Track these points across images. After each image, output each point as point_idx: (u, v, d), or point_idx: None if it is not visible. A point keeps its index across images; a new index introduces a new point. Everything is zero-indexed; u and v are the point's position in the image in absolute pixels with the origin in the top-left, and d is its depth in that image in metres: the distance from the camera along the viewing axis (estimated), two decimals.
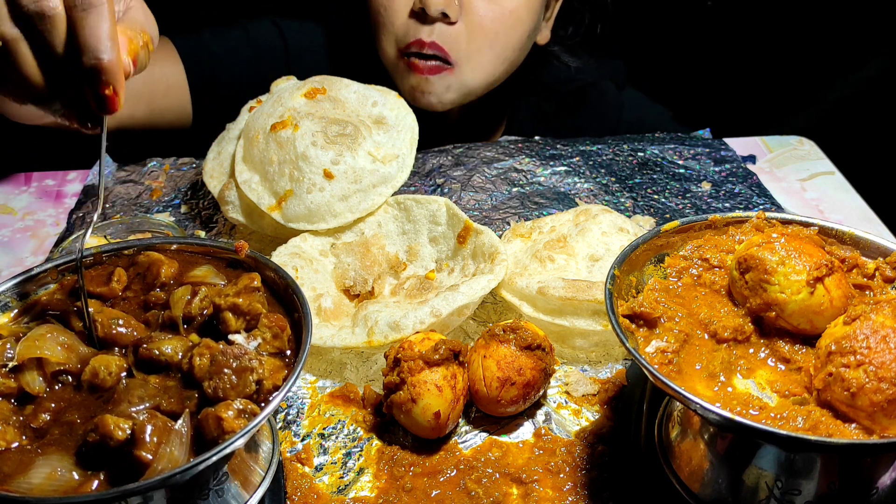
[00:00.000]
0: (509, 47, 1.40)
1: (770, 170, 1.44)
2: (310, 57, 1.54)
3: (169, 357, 0.70)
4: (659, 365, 0.74)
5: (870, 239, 0.84)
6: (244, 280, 0.77)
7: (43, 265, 0.80)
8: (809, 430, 0.67)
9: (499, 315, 1.06)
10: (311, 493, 0.84)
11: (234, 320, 0.73)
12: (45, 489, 0.61)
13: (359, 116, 1.13)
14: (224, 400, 0.66)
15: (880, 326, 0.68)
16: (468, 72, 1.38)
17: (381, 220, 1.11)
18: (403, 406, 0.85)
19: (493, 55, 1.38)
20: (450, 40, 1.33)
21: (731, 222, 0.88)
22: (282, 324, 0.73)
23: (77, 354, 0.71)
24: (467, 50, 1.35)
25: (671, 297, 0.81)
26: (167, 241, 0.84)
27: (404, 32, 1.35)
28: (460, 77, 1.38)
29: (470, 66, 1.37)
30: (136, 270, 0.81)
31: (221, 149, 1.19)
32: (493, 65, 1.40)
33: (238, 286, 0.76)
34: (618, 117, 1.65)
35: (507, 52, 1.40)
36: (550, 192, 1.33)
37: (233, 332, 0.73)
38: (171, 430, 0.63)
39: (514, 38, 1.39)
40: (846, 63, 2.14)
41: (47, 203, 1.33)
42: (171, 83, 1.45)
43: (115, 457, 0.62)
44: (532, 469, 0.86)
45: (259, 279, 0.77)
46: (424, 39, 1.32)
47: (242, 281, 0.76)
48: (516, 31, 1.38)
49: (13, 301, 0.78)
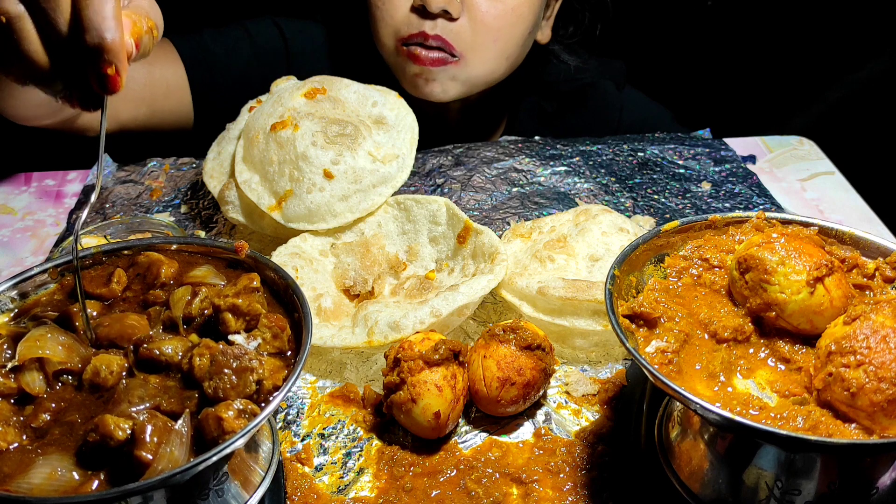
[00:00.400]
0: (512, 43, 1.40)
1: (770, 170, 1.44)
2: (310, 57, 1.54)
3: (169, 357, 0.70)
4: (659, 365, 0.74)
5: (870, 239, 0.84)
6: (243, 280, 0.77)
7: (42, 265, 0.80)
8: (809, 430, 0.67)
9: (499, 315, 1.06)
10: (311, 493, 0.84)
11: (234, 321, 0.73)
12: (45, 489, 0.61)
13: (359, 116, 1.13)
14: (224, 400, 0.66)
15: (880, 326, 0.68)
16: (474, 65, 1.37)
17: (381, 220, 1.11)
18: (403, 406, 0.85)
19: (498, 50, 1.38)
20: (453, 34, 1.33)
21: (731, 222, 0.88)
22: (282, 324, 0.73)
23: (78, 354, 0.71)
24: (472, 44, 1.35)
25: (671, 297, 0.81)
26: (167, 241, 0.84)
27: (406, 25, 1.34)
28: (466, 69, 1.37)
29: (476, 60, 1.37)
30: (135, 271, 0.81)
31: (221, 149, 1.19)
32: (498, 60, 1.40)
33: (237, 287, 0.76)
34: (618, 117, 1.65)
35: (510, 47, 1.40)
36: (550, 192, 1.33)
37: (233, 333, 0.73)
38: (171, 430, 0.63)
39: (517, 34, 1.39)
40: (846, 63, 2.14)
41: (47, 203, 1.33)
42: (172, 84, 1.45)
43: (116, 457, 0.62)
44: (532, 469, 0.86)
45: (258, 279, 0.77)
46: (428, 32, 1.32)
47: (242, 281, 0.76)
48: (518, 27, 1.39)
49: (13, 301, 0.78)
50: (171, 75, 1.45)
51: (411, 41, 1.34)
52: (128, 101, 1.40)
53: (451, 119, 1.57)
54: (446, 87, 1.39)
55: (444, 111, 1.54)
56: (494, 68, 1.41)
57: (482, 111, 1.59)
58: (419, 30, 1.32)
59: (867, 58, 2.11)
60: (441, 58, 1.34)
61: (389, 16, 1.35)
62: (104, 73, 0.70)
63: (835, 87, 2.17)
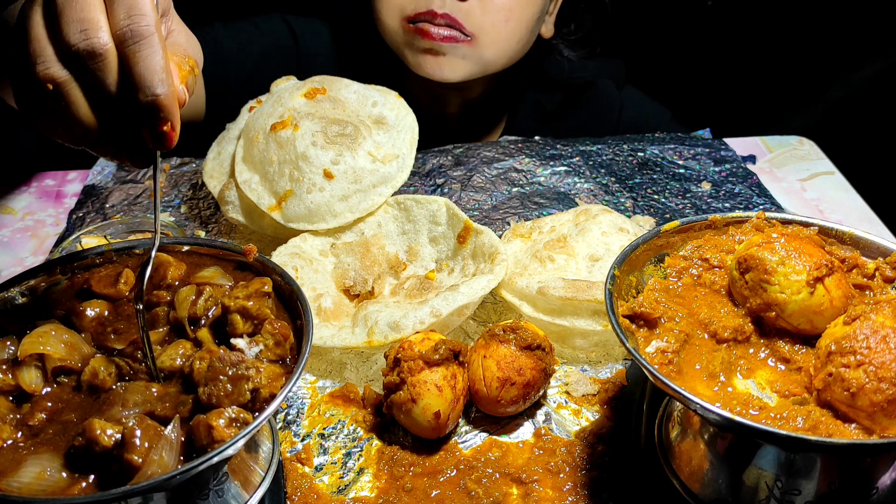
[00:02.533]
0: (523, 24, 1.37)
1: (770, 170, 1.44)
2: (318, 54, 1.52)
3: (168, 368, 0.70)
4: (659, 365, 0.74)
5: (870, 239, 0.84)
6: (255, 284, 0.76)
7: (48, 263, 0.80)
8: (809, 430, 0.67)
9: (499, 315, 1.06)
10: (311, 493, 0.84)
11: (242, 323, 0.73)
12: (33, 489, 0.61)
13: (359, 116, 1.13)
14: (217, 407, 0.66)
15: (880, 326, 0.68)
16: (487, 45, 1.34)
17: (381, 220, 1.11)
18: (403, 406, 0.85)
19: (510, 31, 1.35)
20: (462, 13, 1.30)
21: (731, 222, 0.88)
22: (286, 332, 0.73)
23: (79, 353, 0.71)
24: (482, 23, 1.31)
25: (671, 297, 0.81)
26: (178, 242, 0.84)
27: (412, 3, 1.31)
28: (478, 50, 1.34)
29: (489, 40, 1.33)
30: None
31: (221, 149, 1.19)
32: (510, 42, 1.37)
33: (249, 289, 0.75)
34: (617, 115, 1.65)
35: (521, 29, 1.37)
36: (550, 192, 1.33)
37: (239, 335, 0.73)
38: (160, 436, 0.63)
39: (528, 16, 1.37)
40: (846, 63, 2.13)
41: (47, 203, 1.33)
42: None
43: (105, 460, 0.62)
44: (532, 469, 0.86)
45: (270, 284, 0.76)
46: (437, 10, 1.29)
47: (254, 285, 0.76)
48: (529, 9, 1.36)
49: (19, 298, 0.78)
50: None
51: (419, 19, 1.31)
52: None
53: (452, 116, 1.56)
54: (455, 66, 1.35)
55: (443, 109, 1.54)
56: (506, 50, 1.38)
57: (482, 109, 1.58)
58: (427, 8, 1.29)
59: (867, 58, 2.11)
60: (452, 35, 1.31)
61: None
62: (160, 130, 0.66)
63: (835, 87, 2.17)
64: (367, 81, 1.21)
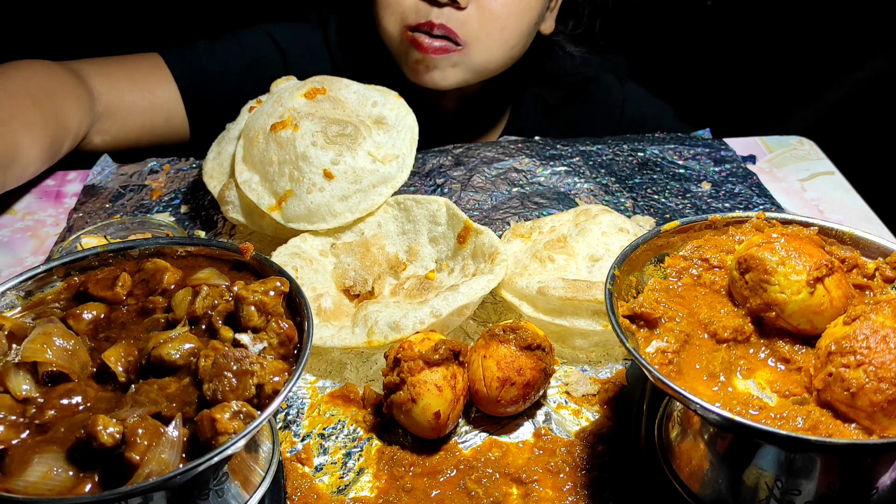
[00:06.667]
0: (518, 33, 1.40)
1: (770, 170, 1.44)
2: (306, 61, 1.53)
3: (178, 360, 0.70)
4: (659, 365, 0.74)
5: (870, 239, 0.84)
6: (272, 282, 0.76)
7: (47, 264, 0.80)
8: (809, 430, 0.67)
9: (499, 315, 1.06)
10: (311, 493, 0.84)
11: (257, 316, 0.73)
12: (40, 488, 0.61)
13: (359, 116, 1.13)
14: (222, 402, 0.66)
15: (880, 326, 0.68)
16: (477, 52, 1.37)
17: (381, 220, 1.11)
18: (403, 406, 0.85)
19: (503, 40, 1.39)
20: (458, 23, 1.33)
21: (731, 222, 0.88)
22: (291, 334, 0.73)
23: (78, 359, 0.71)
24: (477, 33, 1.35)
25: (671, 297, 0.81)
26: (173, 243, 0.84)
27: (413, 12, 1.34)
28: (468, 57, 1.37)
29: (480, 48, 1.37)
30: (141, 276, 0.81)
31: (221, 149, 1.19)
32: (502, 49, 1.40)
33: (267, 285, 0.75)
34: (619, 111, 1.65)
35: (515, 37, 1.40)
36: (550, 192, 1.33)
37: (250, 329, 0.73)
38: (161, 434, 0.63)
39: (523, 25, 1.40)
40: (846, 63, 2.14)
41: (47, 203, 1.33)
42: (173, 110, 1.46)
43: (109, 458, 0.62)
44: (532, 469, 0.86)
45: (288, 285, 0.76)
46: (434, 21, 1.32)
47: (271, 282, 0.76)
48: (525, 18, 1.39)
49: (18, 299, 0.78)
50: (172, 101, 1.46)
51: (417, 29, 1.34)
52: (129, 130, 1.42)
53: (449, 111, 1.57)
54: (446, 74, 1.39)
55: (440, 104, 1.54)
56: (497, 57, 1.41)
57: (481, 103, 1.59)
58: (426, 18, 1.33)
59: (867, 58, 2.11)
60: (443, 46, 1.35)
61: (396, 2, 1.35)
62: None
63: (835, 86, 2.17)
64: (364, 77, 1.21)
